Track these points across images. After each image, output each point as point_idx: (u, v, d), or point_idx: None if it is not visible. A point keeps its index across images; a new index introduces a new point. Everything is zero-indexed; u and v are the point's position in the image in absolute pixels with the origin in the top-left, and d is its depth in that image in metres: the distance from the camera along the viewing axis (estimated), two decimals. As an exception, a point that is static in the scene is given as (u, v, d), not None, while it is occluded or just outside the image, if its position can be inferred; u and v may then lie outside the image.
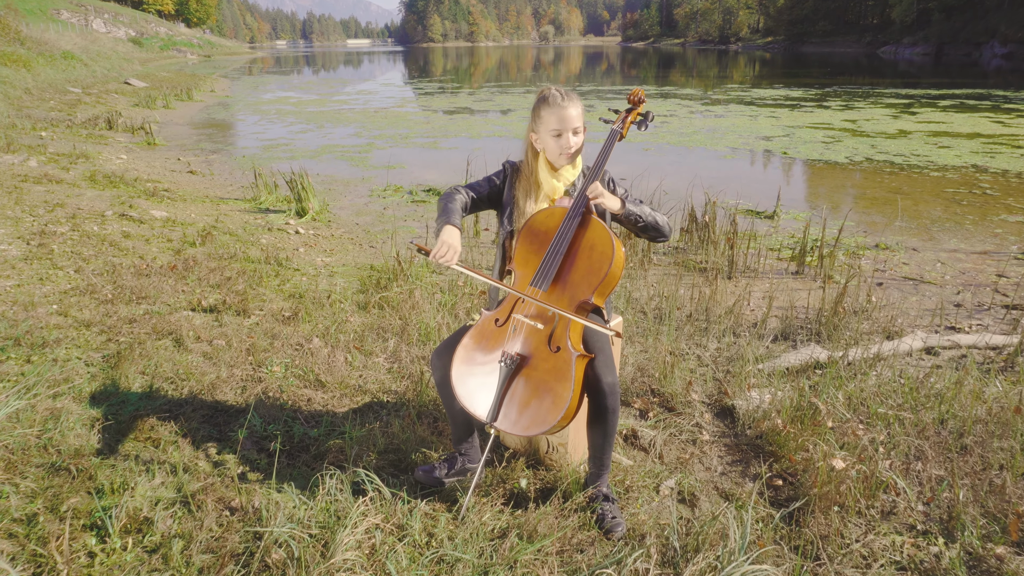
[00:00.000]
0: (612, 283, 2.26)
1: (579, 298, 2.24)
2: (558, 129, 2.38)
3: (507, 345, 2.26)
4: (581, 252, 2.27)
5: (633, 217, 2.41)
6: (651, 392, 3.38)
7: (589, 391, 2.26)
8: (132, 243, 5.48)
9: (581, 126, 2.40)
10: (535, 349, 2.23)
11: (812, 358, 3.75)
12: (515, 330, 2.27)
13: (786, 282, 5.38)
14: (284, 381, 3.18)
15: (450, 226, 2.27)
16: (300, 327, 3.87)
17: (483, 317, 2.37)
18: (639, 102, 2.57)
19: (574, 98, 2.39)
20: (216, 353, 3.41)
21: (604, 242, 2.25)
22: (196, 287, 4.42)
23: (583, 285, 2.24)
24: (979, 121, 15.18)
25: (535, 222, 2.37)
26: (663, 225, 2.47)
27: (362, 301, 4.40)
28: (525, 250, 2.36)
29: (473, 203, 2.49)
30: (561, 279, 2.27)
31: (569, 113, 2.37)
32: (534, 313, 2.28)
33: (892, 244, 6.51)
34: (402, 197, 8.67)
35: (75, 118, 15.22)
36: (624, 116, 2.54)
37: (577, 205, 2.30)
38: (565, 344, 2.19)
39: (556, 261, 2.26)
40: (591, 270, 2.24)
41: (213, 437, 2.70)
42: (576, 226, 2.28)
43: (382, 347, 3.65)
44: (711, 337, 4.15)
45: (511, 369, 2.21)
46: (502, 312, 2.34)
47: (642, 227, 2.44)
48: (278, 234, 6.51)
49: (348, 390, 3.15)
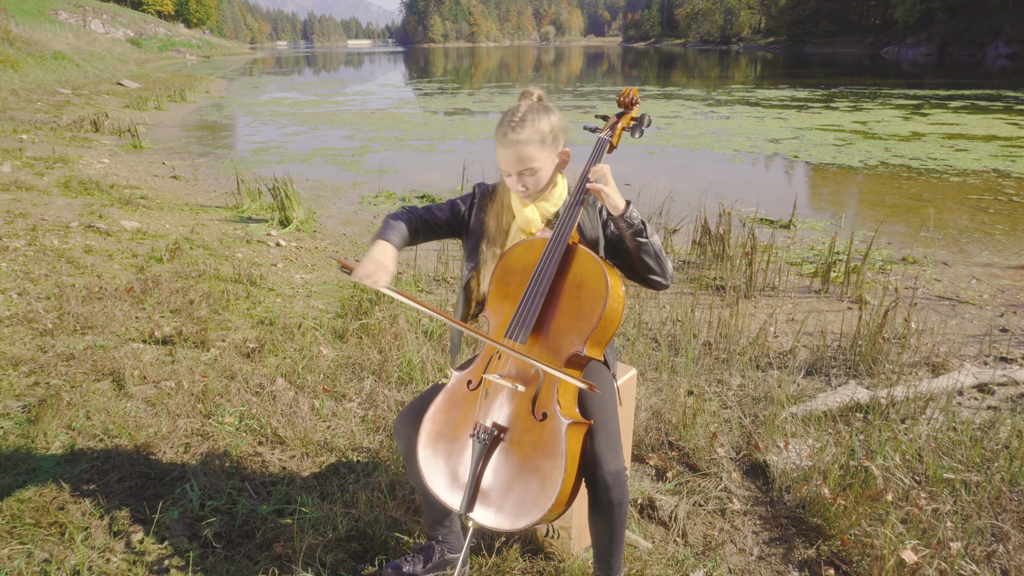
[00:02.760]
0: (610, 328, 1.78)
1: (567, 350, 1.76)
2: (503, 169, 1.92)
3: (480, 414, 1.78)
4: (567, 291, 1.81)
5: (635, 230, 1.85)
6: (668, 445, 2.89)
7: (587, 479, 1.77)
8: (92, 259, 4.99)
9: (537, 165, 1.88)
10: (515, 417, 1.75)
11: (852, 399, 3.26)
12: (489, 394, 1.80)
13: (810, 302, 4.89)
14: (236, 437, 2.69)
15: (383, 242, 1.85)
16: (264, 363, 3.38)
17: (453, 377, 1.89)
18: (632, 104, 2.10)
19: (526, 128, 1.85)
20: (161, 399, 2.93)
21: (595, 277, 1.78)
22: (153, 313, 3.93)
23: (572, 333, 1.77)
24: (993, 123, 14.69)
25: (510, 258, 1.91)
26: (667, 262, 1.95)
27: (339, 328, 3.92)
28: (499, 293, 1.89)
29: (427, 227, 2.02)
30: (543, 327, 1.80)
31: (509, 155, 1.87)
32: (512, 372, 1.80)
33: (920, 257, 6.01)
34: (394, 204, 8.19)
35: (60, 120, 14.74)
36: (614, 122, 2.07)
37: (559, 233, 1.83)
38: (552, 409, 1.71)
39: (535, 304, 1.79)
40: (580, 313, 1.77)
41: (137, 517, 2.21)
42: (558, 259, 1.80)
43: (356, 388, 3.16)
44: (733, 370, 3.66)
45: (485, 445, 1.73)
46: (475, 372, 1.86)
47: (643, 251, 1.88)
48: (257, 247, 6.02)
49: (311, 447, 2.66)
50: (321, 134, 14.50)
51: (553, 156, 1.94)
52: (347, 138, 13.87)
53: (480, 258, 2.00)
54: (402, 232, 1.92)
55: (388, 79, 37.46)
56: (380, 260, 1.78)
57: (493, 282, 1.92)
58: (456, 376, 1.89)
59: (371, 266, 1.76)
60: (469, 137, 13.67)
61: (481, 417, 1.78)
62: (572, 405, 1.77)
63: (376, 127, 15.46)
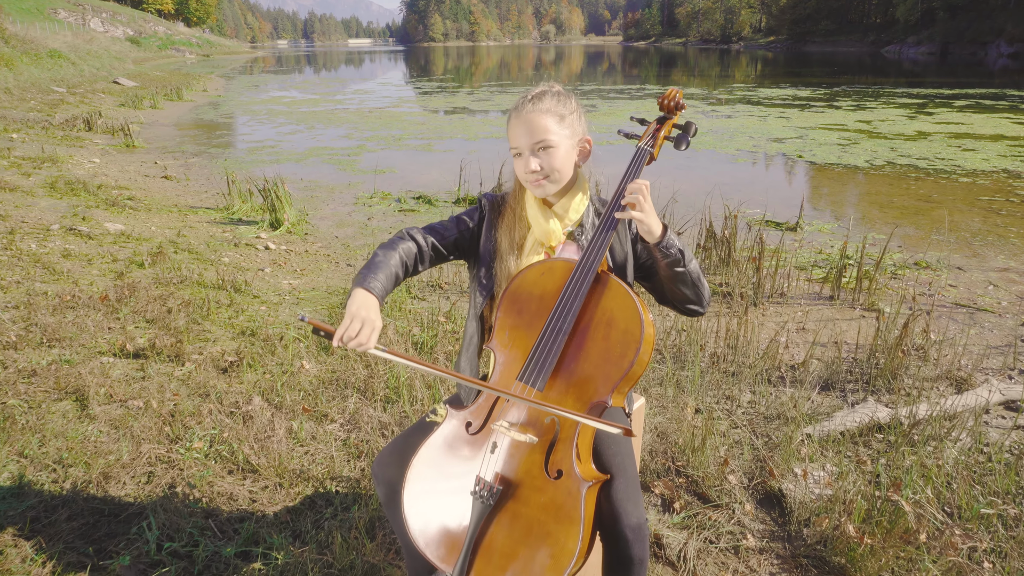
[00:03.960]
0: (640, 373, 1.51)
1: (590, 398, 1.49)
2: (515, 147, 1.68)
3: (483, 466, 1.52)
4: (594, 330, 1.52)
5: (673, 259, 1.61)
6: (675, 471, 2.67)
7: (604, 533, 1.54)
8: (70, 264, 4.77)
9: (553, 140, 1.64)
10: (525, 474, 1.49)
11: (872, 418, 3.04)
12: (495, 446, 1.53)
13: (821, 310, 4.66)
14: (203, 465, 2.47)
15: (363, 291, 1.54)
16: (242, 378, 3.15)
17: (449, 417, 1.61)
18: (676, 108, 1.78)
19: (544, 100, 1.66)
20: (126, 420, 2.70)
21: (627, 315, 1.50)
22: (127, 323, 3.71)
23: (597, 380, 1.49)
24: (1000, 122, 14.45)
25: (524, 283, 1.61)
26: (705, 288, 1.71)
27: (325, 341, 3.69)
28: (510, 325, 1.60)
29: (434, 253, 1.75)
30: (563, 370, 1.52)
31: (522, 128, 1.64)
32: (524, 419, 1.53)
33: (933, 262, 5.79)
34: (389, 205, 7.96)
35: (53, 119, 14.52)
36: (655, 129, 1.75)
37: (588, 259, 1.55)
38: (570, 466, 1.45)
39: (556, 345, 1.50)
40: (609, 357, 1.49)
41: (85, 563, 1.99)
42: (586, 290, 1.52)
43: (339, 408, 2.94)
44: (743, 385, 3.44)
45: (488, 505, 1.47)
46: (478, 414, 1.59)
47: (680, 280, 1.64)
48: (245, 250, 5.79)
49: (286, 476, 2.44)
50: (318, 133, 14.27)
51: (572, 140, 1.69)
52: (344, 137, 13.64)
53: (496, 282, 1.72)
54: (391, 271, 1.63)
55: (388, 78, 37.22)
56: (363, 315, 1.48)
57: (502, 308, 1.62)
58: (453, 416, 1.60)
59: (354, 325, 1.46)
60: (468, 136, 13.45)
61: (484, 470, 1.51)
62: (589, 456, 1.52)
63: (374, 126, 15.23)
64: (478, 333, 1.77)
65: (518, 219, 1.75)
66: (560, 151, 1.66)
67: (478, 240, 1.79)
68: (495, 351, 1.61)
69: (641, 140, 1.74)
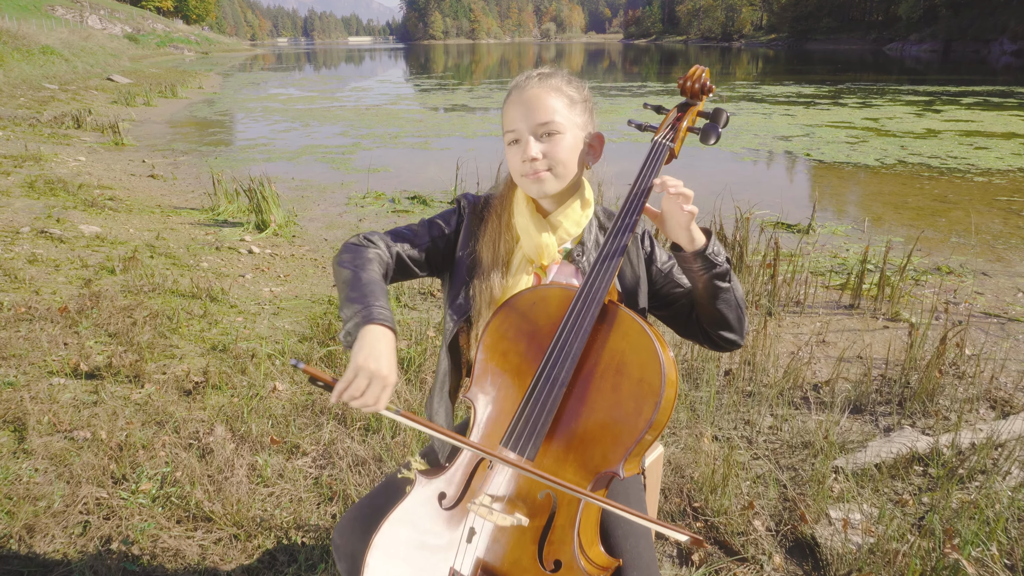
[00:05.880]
0: (660, 430, 1.17)
1: (596, 468, 1.15)
2: (512, 131, 1.34)
3: (459, 557, 1.18)
4: (599, 378, 1.17)
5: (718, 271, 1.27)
6: (693, 513, 2.34)
7: None
8: (36, 271, 4.45)
9: (561, 124, 1.32)
10: (513, 565, 1.15)
11: (910, 448, 2.71)
12: (472, 533, 1.19)
13: (841, 320, 4.34)
14: (149, 512, 2.14)
15: (376, 328, 1.14)
16: (205, 403, 2.83)
17: (418, 485, 1.27)
18: (702, 92, 1.43)
19: (552, 78, 1.36)
20: (68, 455, 2.38)
21: (643, 358, 1.14)
22: (87, 338, 3.38)
23: (604, 443, 1.14)
24: (1010, 120, 14.12)
25: (510, 317, 1.27)
26: (746, 312, 1.38)
27: (303, 356, 3.37)
28: (491, 364, 1.26)
29: (398, 267, 1.40)
30: (562, 433, 1.17)
31: (522, 108, 1.33)
32: (512, 492, 1.18)
33: (955, 267, 5.46)
34: (383, 206, 7.63)
35: (42, 116, 14.19)
36: (675, 118, 1.40)
37: (594, 285, 1.20)
38: (571, 556, 1.11)
39: (551, 399, 1.15)
40: (620, 415, 1.14)
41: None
42: (590, 326, 1.17)
43: (313, 438, 2.61)
44: (762, 407, 3.12)
45: None
46: (453, 483, 1.24)
47: (722, 301, 1.31)
48: (227, 255, 5.47)
49: (244, 526, 2.11)
50: (312, 131, 13.94)
51: (582, 132, 1.36)
52: (339, 135, 13.31)
53: (473, 304, 1.38)
54: (385, 289, 1.27)
55: (387, 76, 36.87)
56: (372, 369, 1.08)
57: (483, 347, 1.28)
58: (424, 485, 1.26)
59: (358, 383, 1.07)
60: (466, 134, 13.12)
61: (460, 562, 1.18)
62: (595, 538, 1.18)
63: (370, 124, 14.90)
64: (450, 370, 1.43)
65: (504, 228, 1.41)
66: (567, 139, 1.33)
67: (453, 250, 1.45)
68: (474, 403, 1.26)
69: (658, 132, 1.39)
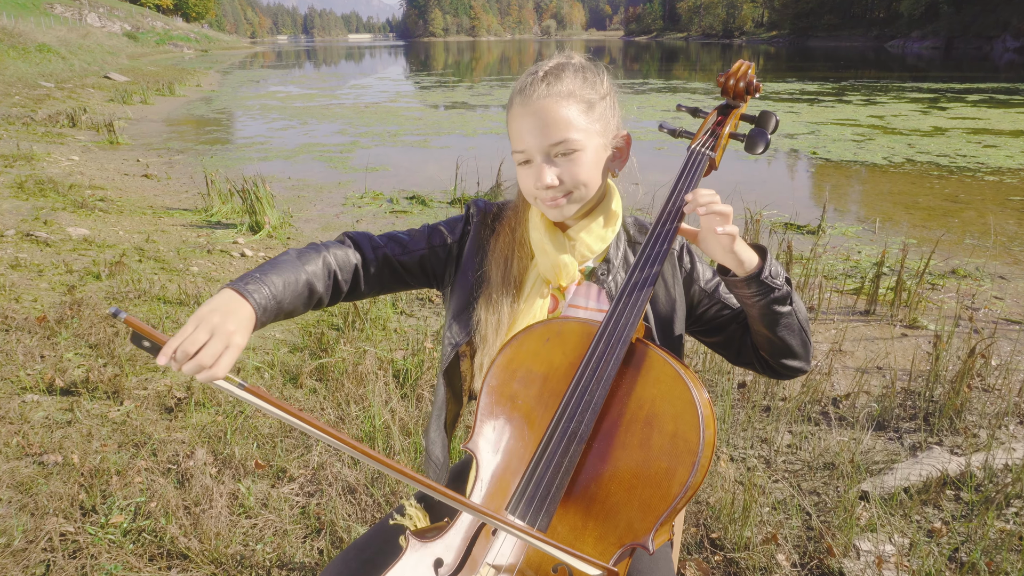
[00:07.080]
0: (693, 495, 1.00)
1: (621, 539, 0.97)
2: (521, 151, 1.14)
3: None
4: (626, 433, 0.99)
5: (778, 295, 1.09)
6: (710, 544, 2.17)
7: None
8: (17, 277, 4.27)
9: (578, 139, 1.11)
10: None
11: (941, 471, 2.54)
12: None
13: (857, 327, 4.16)
14: (119, 549, 1.96)
15: (231, 292, 0.99)
16: (187, 421, 2.65)
17: (411, 548, 1.08)
18: (747, 92, 1.22)
19: (563, 80, 1.13)
20: (35, 483, 2.20)
21: (679, 408, 0.97)
22: (66, 350, 3.20)
23: (632, 511, 0.96)
24: (1018, 117, 13.93)
25: (519, 355, 1.08)
26: (810, 336, 1.21)
27: (294, 368, 3.19)
28: (496, 408, 1.07)
29: (384, 271, 1.23)
30: (580, 496, 0.99)
31: (530, 120, 1.11)
32: (516, 559, 1.01)
33: (971, 270, 5.28)
34: (381, 206, 7.45)
35: (37, 114, 14.01)
36: (715, 123, 1.21)
37: (621, 317, 1.02)
38: None
39: (568, 457, 0.98)
40: (651, 477, 0.96)
41: None
42: (615, 369, 0.99)
43: (301, 461, 2.44)
44: (780, 423, 2.94)
45: None
46: (452, 548, 1.06)
47: (783, 326, 1.13)
48: (218, 258, 5.29)
49: (223, 564, 1.93)
50: (310, 129, 13.76)
51: (604, 139, 1.16)
52: (337, 133, 13.13)
53: (477, 327, 1.20)
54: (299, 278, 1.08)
55: (387, 73, 36.68)
56: (215, 323, 0.92)
57: (488, 388, 1.09)
58: (417, 548, 1.07)
59: (198, 335, 0.90)
60: (466, 132, 12.93)
61: None
62: None
63: (368, 122, 14.71)
64: (446, 399, 1.26)
65: (518, 244, 1.23)
66: (588, 155, 1.13)
67: (456, 263, 1.27)
68: (476, 455, 1.08)
69: (695, 140, 1.20)
